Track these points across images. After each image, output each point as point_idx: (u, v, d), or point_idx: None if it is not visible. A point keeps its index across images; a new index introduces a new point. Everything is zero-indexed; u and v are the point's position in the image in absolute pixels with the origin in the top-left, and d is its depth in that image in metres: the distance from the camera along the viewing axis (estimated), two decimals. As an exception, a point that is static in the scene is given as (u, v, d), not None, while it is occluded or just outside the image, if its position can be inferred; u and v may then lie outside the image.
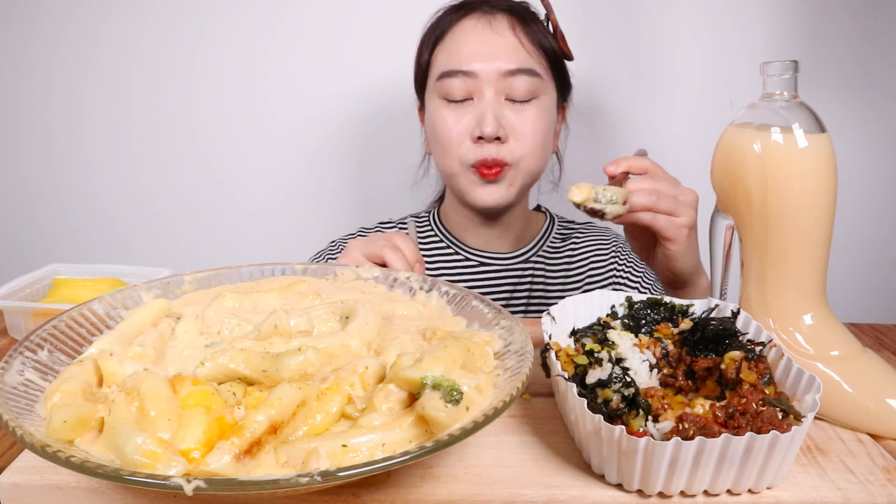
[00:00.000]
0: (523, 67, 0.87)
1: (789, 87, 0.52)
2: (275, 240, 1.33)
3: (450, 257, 1.00)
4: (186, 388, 0.40)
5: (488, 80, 0.87)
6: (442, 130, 0.90)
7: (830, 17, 1.17)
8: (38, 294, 0.79)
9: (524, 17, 0.91)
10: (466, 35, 0.89)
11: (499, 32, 0.88)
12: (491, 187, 0.90)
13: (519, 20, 0.90)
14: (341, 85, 1.27)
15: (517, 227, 1.00)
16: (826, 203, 0.51)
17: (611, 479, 0.41)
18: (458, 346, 0.44)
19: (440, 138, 0.91)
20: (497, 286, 0.99)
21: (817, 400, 0.41)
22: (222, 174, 1.32)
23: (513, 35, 0.88)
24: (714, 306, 0.53)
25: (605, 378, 0.43)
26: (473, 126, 0.88)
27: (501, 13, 0.90)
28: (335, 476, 0.32)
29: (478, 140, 0.88)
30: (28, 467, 0.42)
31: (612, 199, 0.63)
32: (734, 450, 0.38)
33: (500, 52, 0.87)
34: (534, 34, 0.90)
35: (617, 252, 1.00)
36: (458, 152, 0.90)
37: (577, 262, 1.00)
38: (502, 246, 1.00)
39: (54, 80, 1.30)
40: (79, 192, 1.35)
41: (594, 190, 0.64)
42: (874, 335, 0.69)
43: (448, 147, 0.90)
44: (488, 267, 0.99)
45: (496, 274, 0.99)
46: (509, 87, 0.87)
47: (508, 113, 0.88)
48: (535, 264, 0.99)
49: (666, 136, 1.24)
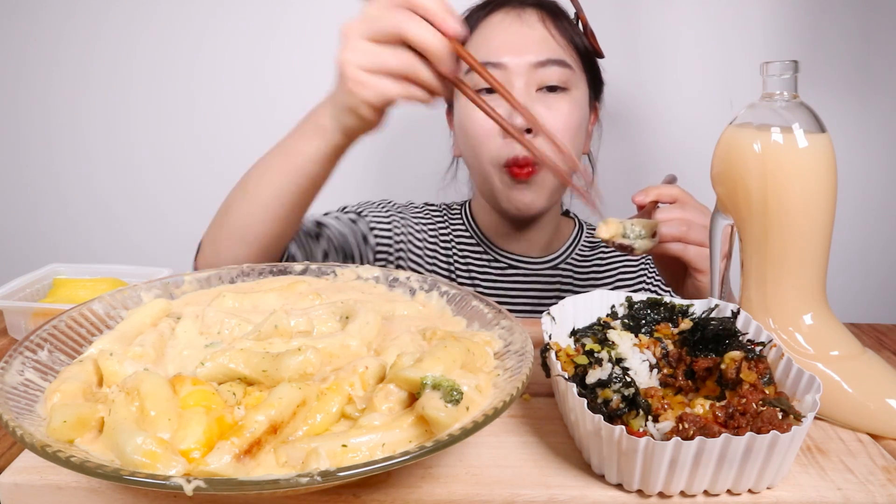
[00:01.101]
0: (554, 58, 0.85)
1: (789, 87, 0.52)
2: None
3: (480, 256, 0.98)
4: (186, 388, 0.40)
5: (518, 71, 0.84)
6: (472, 125, 0.88)
7: (830, 17, 1.17)
8: (38, 294, 0.79)
9: (554, 11, 0.90)
10: (495, 29, 0.88)
11: (529, 25, 0.87)
12: (523, 189, 0.88)
13: (549, 14, 0.89)
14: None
15: (547, 233, 0.98)
16: (826, 203, 0.51)
17: (611, 479, 0.41)
18: (458, 346, 0.44)
19: (470, 134, 0.89)
20: (526, 291, 0.97)
21: (817, 400, 0.41)
22: (223, 174, 1.31)
23: (543, 27, 0.87)
24: (714, 306, 0.53)
25: (604, 378, 0.43)
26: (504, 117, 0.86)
27: (531, 7, 0.89)
28: (335, 476, 0.32)
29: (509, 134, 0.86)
30: (28, 467, 0.42)
31: (640, 233, 0.63)
32: (734, 450, 0.38)
33: (531, 44, 0.85)
34: (564, 28, 0.88)
35: (646, 265, 1.00)
36: (489, 148, 0.87)
37: (605, 272, 0.99)
38: (532, 250, 0.98)
39: (55, 80, 1.30)
40: (79, 192, 1.35)
41: (622, 225, 0.63)
42: (874, 335, 0.69)
43: (479, 143, 0.88)
44: (518, 271, 0.97)
45: (525, 278, 0.97)
46: (540, 78, 0.85)
47: (539, 107, 0.85)
48: (563, 271, 0.98)
49: (666, 136, 1.24)
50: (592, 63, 0.92)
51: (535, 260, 0.98)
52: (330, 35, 1.23)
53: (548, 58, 0.85)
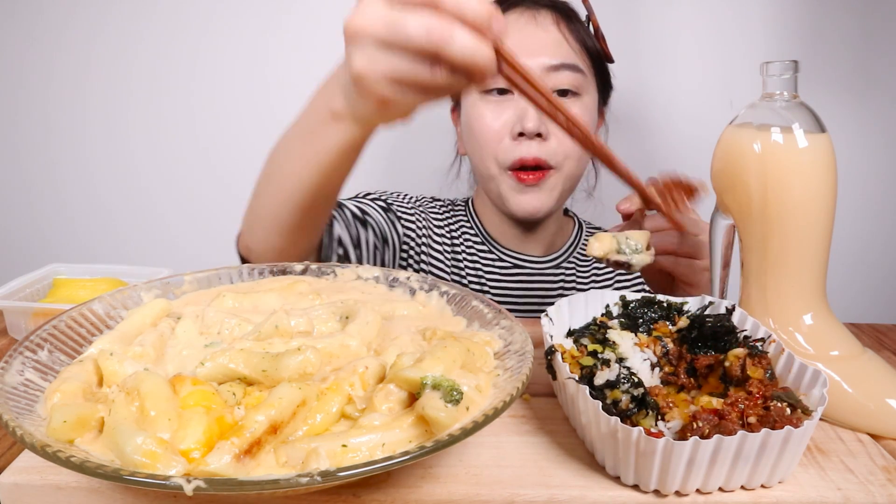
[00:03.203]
0: (567, 63, 0.85)
1: (789, 87, 0.52)
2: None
3: (484, 254, 0.98)
4: (186, 388, 0.40)
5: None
6: (480, 127, 0.87)
7: (830, 17, 1.17)
8: (38, 294, 0.79)
9: (568, 14, 0.89)
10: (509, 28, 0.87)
11: (543, 27, 0.86)
12: (531, 194, 0.87)
13: (563, 16, 0.88)
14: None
15: (551, 233, 0.98)
16: (826, 203, 0.51)
17: (627, 480, 0.41)
18: (458, 346, 0.44)
19: (477, 135, 0.87)
20: (529, 290, 0.97)
21: (825, 394, 0.41)
22: (223, 174, 1.32)
23: (557, 30, 0.86)
24: (708, 303, 0.53)
25: (612, 379, 0.43)
26: (514, 122, 0.84)
27: (545, 9, 0.88)
28: (335, 476, 0.32)
29: (518, 137, 0.84)
30: (28, 467, 0.42)
31: (636, 247, 0.58)
32: (750, 446, 0.38)
33: (545, 47, 0.85)
34: (577, 32, 0.88)
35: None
36: (497, 151, 0.86)
37: (605, 270, 0.99)
38: (535, 249, 0.98)
39: (55, 81, 1.30)
40: (79, 192, 1.35)
41: (615, 240, 0.58)
42: (874, 335, 0.69)
43: (486, 145, 0.87)
44: (521, 269, 0.97)
45: (529, 277, 0.97)
46: (553, 82, 0.84)
47: None
48: (566, 270, 0.98)
49: (666, 136, 1.24)
50: (603, 67, 0.92)
51: (539, 259, 0.98)
52: (329, 36, 1.24)
53: (561, 62, 0.84)
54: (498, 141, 0.86)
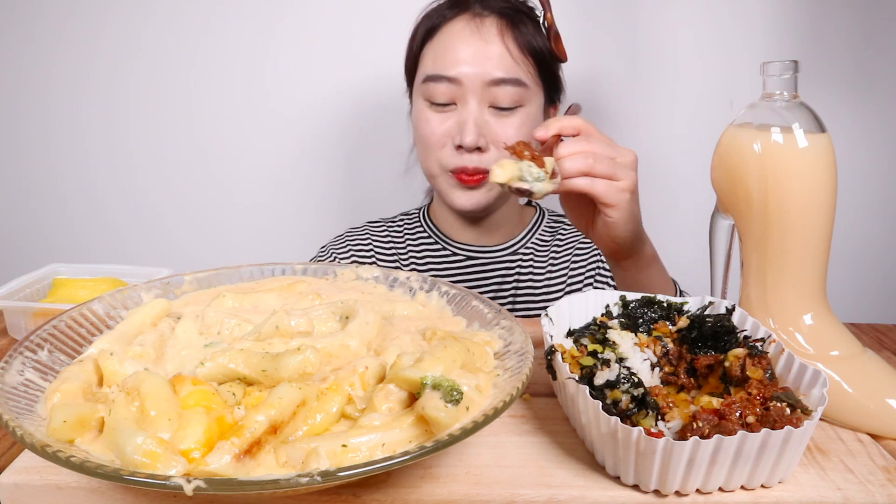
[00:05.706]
0: (509, 77, 0.86)
1: (789, 87, 0.52)
2: (275, 238, 1.33)
3: (438, 253, 1.01)
4: (186, 388, 0.40)
5: (472, 87, 0.86)
6: (424, 132, 0.91)
7: (830, 17, 1.17)
8: (38, 294, 0.79)
9: (514, 20, 0.89)
10: (454, 38, 0.88)
11: (486, 39, 0.87)
12: (470, 192, 0.91)
13: (509, 24, 0.88)
14: (336, 82, 1.27)
15: (506, 225, 1.00)
16: (826, 203, 0.51)
17: (627, 480, 0.41)
18: (458, 346, 0.44)
19: (422, 139, 0.92)
20: (485, 279, 0.99)
21: (825, 394, 0.41)
22: (222, 174, 1.32)
23: (500, 42, 0.87)
24: (708, 303, 0.53)
25: (612, 379, 0.43)
26: (455, 132, 0.88)
27: (492, 16, 0.88)
28: (335, 476, 0.32)
29: (459, 148, 0.88)
30: (28, 467, 0.42)
31: (538, 175, 0.57)
32: (749, 446, 0.38)
33: (486, 60, 0.86)
34: (523, 38, 0.88)
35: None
36: (439, 155, 0.90)
37: (561, 254, 1.00)
38: (490, 240, 1.01)
39: (54, 81, 1.30)
40: (79, 192, 1.35)
41: (517, 167, 0.57)
42: (874, 335, 0.69)
43: (430, 148, 0.91)
44: (475, 261, 0.99)
45: (484, 267, 0.99)
46: (494, 96, 0.87)
47: (491, 120, 0.87)
48: (522, 256, 0.99)
49: (666, 136, 1.24)
50: (550, 70, 0.92)
51: (493, 248, 1.00)
52: (329, 37, 1.24)
53: (503, 76, 0.86)
54: (441, 146, 0.90)
